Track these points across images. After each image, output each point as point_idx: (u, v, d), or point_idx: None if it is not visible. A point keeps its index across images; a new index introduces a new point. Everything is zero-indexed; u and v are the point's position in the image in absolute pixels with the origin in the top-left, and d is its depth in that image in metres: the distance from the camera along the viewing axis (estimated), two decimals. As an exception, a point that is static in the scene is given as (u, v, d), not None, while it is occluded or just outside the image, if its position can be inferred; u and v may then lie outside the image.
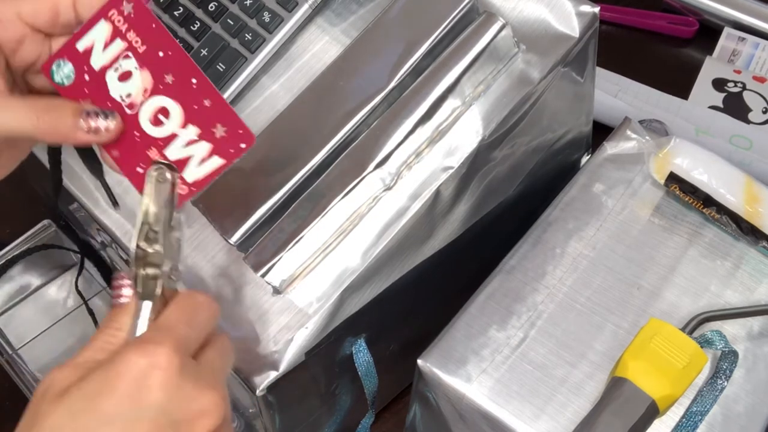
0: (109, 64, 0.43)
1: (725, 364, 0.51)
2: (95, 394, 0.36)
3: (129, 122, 0.43)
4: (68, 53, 0.43)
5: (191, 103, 0.42)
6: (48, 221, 0.73)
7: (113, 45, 0.43)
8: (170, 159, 0.42)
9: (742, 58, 0.86)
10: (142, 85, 0.42)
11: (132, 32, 0.42)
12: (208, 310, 0.40)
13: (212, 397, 0.37)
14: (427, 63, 0.53)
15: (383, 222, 0.52)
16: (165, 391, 0.36)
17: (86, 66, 0.43)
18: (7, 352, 0.70)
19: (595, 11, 0.56)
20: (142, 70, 0.42)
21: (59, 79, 0.44)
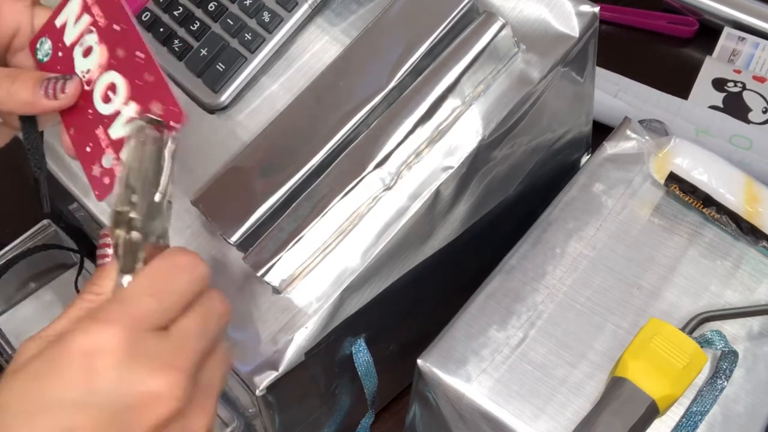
0: (77, 39, 0.42)
1: (725, 364, 0.51)
2: (43, 375, 0.34)
3: (85, 99, 0.42)
4: (48, 31, 0.43)
5: (135, 78, 0.41)
6: (48, 221, 0.73)
7: (81, 20, 0.42)
8: (112, 137, 0.41)
9: (742, 57, 0.86)
10: (99, 60, 0.42)
11: (96, 6, 0.41)
12: (189, 273, 0.37)
13: (166, 380, 0.34)
14: (426, 63, 0.53)
15: (383, 222, 0.52)
16: (111, 376, 0.33)
17: (60, 42, 0.43)
18: (7, 352, 0.70)
19: (594, 11, 0.56)
20: (100, 45, 0.41)
21: (40, 56, 0.44)
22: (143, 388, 0.34)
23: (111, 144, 0.41)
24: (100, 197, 0.42)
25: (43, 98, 0.42)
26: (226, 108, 0.56)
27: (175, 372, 0.34)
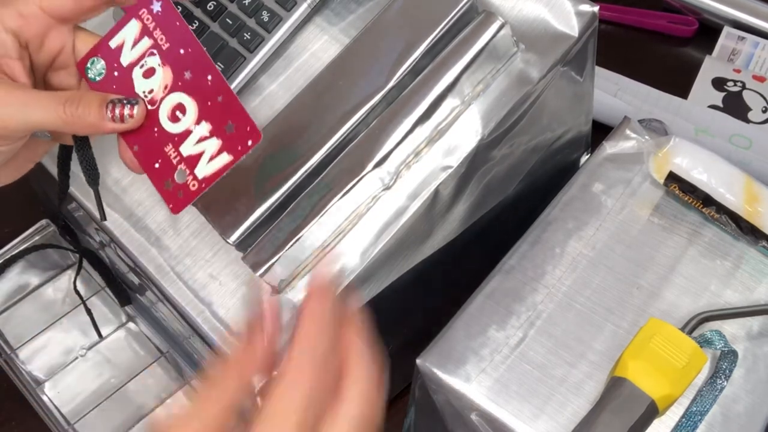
0: (136, 61, 0.44)
1: (725, 364, 0.51)
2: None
3: (150, 118, 0.44)
4: (101, 51, 0.45)
5: (206, 99, 0.43)
6: (46, 221, 0.73)
7: (141, 43, 0.44)
8: (184, 155, 0.43)
9: (742, 57, 0.86)
10: (162, 82, 0.43)
11: (158, 30, 0.43)
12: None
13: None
14: (426, 62, 0.53)
15: (382, 221, 0.52)
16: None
17: (116, 63, 0.44)
18: (6, 352, 0.70)
19: (594, 10, 0.56)
20: (164, 66, 0.43)
21: (92, 75, 0.45)
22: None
23: (183, 160, 0.43)
24: (175, 210, 0.44)
25: (110, 121, 0.43)
26: (225, 107, 0.55)
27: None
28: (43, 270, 0.75)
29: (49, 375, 0.70)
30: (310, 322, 0.37)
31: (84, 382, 0.70)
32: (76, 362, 0.71)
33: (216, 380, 0.37)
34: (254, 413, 0.36)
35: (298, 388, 0.36)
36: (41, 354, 0.71)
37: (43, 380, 0.70)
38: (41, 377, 0.70)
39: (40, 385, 0.69)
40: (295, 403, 0.35)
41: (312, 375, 0.36)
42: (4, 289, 0.74)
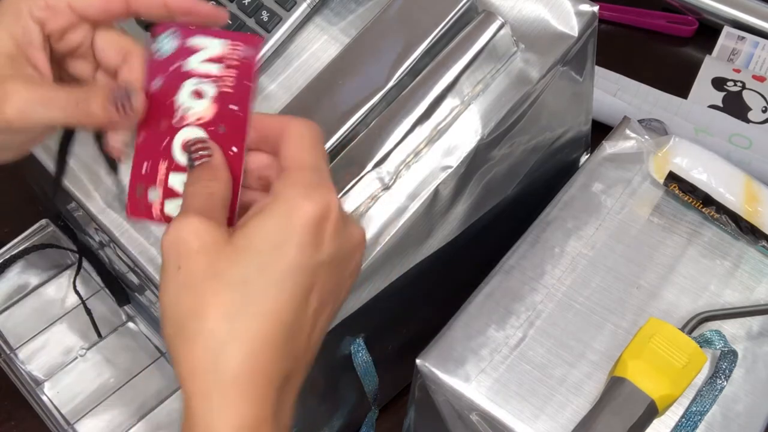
0: (197, 74, 0.43)
1: (725, 364, 0.51)
2: (276, 246, 0.37)
3: (169, 130, 0.43)
4: (182, 33, 0.43)
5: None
6: (46, 221, 0.73)
7: (212, 65, 0.43)
8: (168, 183, 0.42)
9: (742, 57, 0.86)
10: (201, 113, 0.42)
11: (232, 71, 0.42)
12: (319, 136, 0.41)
13: (358, 226, 0.41)
14: (425, 62, 0.53)
15: (382, 221, 0.52)
16: (337, 237, 0.39)
17: (182, 59, 0.43)
18: (5, 351, 0.70)
19: (594, 10, 0.56)
20: (212, 103, 0.42)
21: (159, 47, 0.43)
22: (357, 238, 0.40)
23: (164, 186, 0.42)
24: (129, 213, 0.43)
25: (115, 114, 0.42)
26: (224, 107, 0.55)
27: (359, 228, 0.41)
28: (43, 270, 0.75)
29: (49, 375, 0.70)
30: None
31: (83, 382, 0.70)
32: (75, 362, 0.71)
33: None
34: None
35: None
36: (41, 354, 0.71)
37: (43, 380, 0.70)
38: (41, 377, 0.70)
39: (39, 385, 0.69)
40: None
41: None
42: (4, 289, 0.74)
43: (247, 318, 0.36)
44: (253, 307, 0.36)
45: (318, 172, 0.39)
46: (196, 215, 0.38)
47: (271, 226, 0.37)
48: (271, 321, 0.37)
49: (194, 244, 0.37)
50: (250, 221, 0.38)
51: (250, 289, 0.37)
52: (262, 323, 0.36)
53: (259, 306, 0.37)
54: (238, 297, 0.36)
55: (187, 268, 0.37)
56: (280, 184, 0.39)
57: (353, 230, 0.40)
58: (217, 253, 0.37)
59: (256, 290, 0.37)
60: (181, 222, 0.38)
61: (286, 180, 0.39)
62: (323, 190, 0.38)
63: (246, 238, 0.37)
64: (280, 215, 0.38)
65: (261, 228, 0.38)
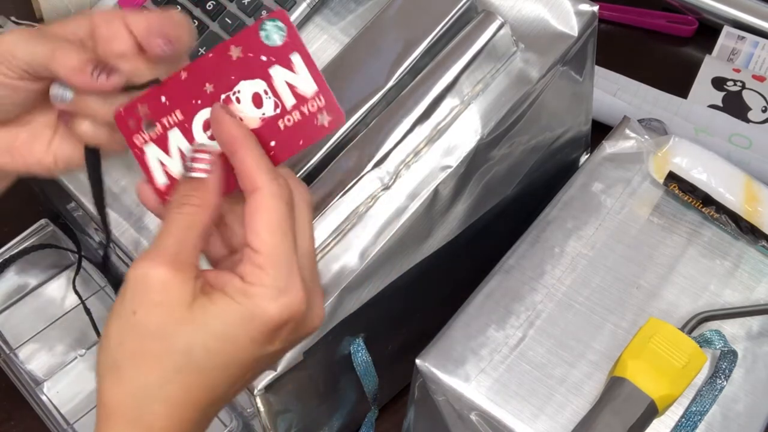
0: (272, 87, 0.40)
1: (724, 364, 0.51)
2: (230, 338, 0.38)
3: (207, 97, 0.41)
4: (291, 41, 0.40)
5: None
6: (45, 220, 0.73)
7: (289, 94, 0.40)
8: (168, 136, 0.41)
9: (742, 56, 0.86)
10: (244, 118, 0.41)
11: (299, 117, 0.40)
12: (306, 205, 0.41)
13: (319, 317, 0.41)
14: (425, 62, 0.53)
15: (381, 221, 0.52)
16: (292, 338, 0.40)
17: (274, 61, 0.40)
18: (5, 351, 0.70)
19: (594, 10, 0.56)
20: (260, 122, 0.41)
21: (266, 29, 0.40)
22: (311, 327, 0.41)
23: (161, 133, 0.42)
24: (116, 119, 0.42)
25: (89, 77, 0.41)
26: (224, 107, 0.55)
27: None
28: (43, 270, 0.75)
29: (49, 375, 0.70)
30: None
31: (83, 382, 0.70)
32: (75, 362, 0.71)
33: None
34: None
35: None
36: (40, 354, 0.71)
37: (43, 380, 0.70)
38: (40, 377, 0.70)
39: (39, 384, 0.69)
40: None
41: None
42: (4, 289, 0.74)
43: (182, 386, 0.38)
44: (189, 378, 0.38)
45: (289, 269, 0.39)
46: (168, 266, 0.38)
47: (231, 317, 0.38)
48: (204, 392, 0.39)
49: (156, 298, 0.38)
50: (217, 300, 0.38)
51: (192, 362, 0.38)
52: (195, 392, 0.38)
53: (195, 379, 0.38)
54: (178, 365, 0.38)
55: (143, 317, 0.38)
56: (253, 278, 0.38)
57: (311, 321, 0.41)
58: (174, 315, 0.38)
59: (196, 365, 0.38)
60: (151, 267, 0.38)
61: (259, 275, 0.38)
62: (292, 294, 0.38)
63: (205, 315, 0.38)
64: (244, 312, 0.38)
65: (222, 314, 0.38)
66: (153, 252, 0.38)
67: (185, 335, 0.38)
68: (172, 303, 0.38)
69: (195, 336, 0.38)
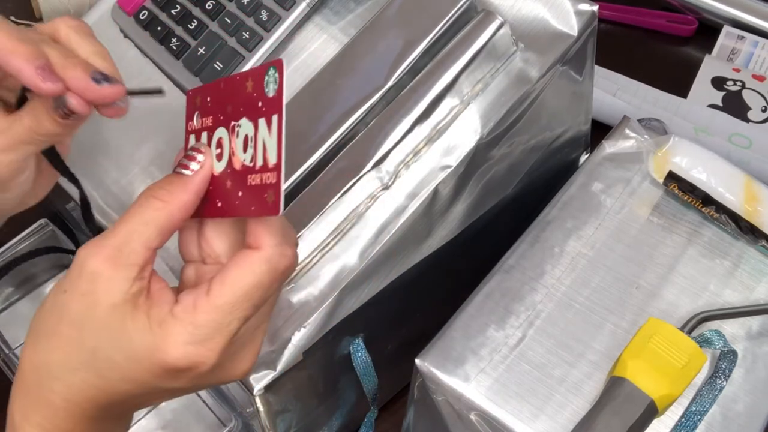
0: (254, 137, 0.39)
1: (724, 364, 0.51)
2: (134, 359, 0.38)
3: (227, 116, 0.40)
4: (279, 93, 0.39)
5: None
6: (45, 220, 0.73)
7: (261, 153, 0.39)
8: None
9: (742, 56, 0.86)
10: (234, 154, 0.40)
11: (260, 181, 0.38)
12: (284, 279, 0.39)
13: (245, 367, 0.41)
14: (425, 61, 0.53)
15: (381, 221, 0.52)
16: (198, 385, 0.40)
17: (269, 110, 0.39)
18: (4, 351, 0.70)
19: (593, 9, 0.56)
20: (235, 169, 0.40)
21: (267, 80, 0.39)
22: (235, 375, 0.41)
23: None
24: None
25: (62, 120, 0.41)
26: (223, 107, 0.55)
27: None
28: (42, 270, 0.75)
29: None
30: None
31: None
32: (74, 362, 0.71)
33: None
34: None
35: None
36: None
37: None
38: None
39: (38, 384, 0.69)
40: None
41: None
42: (3, 289, 0.74)
43: (83, 379, 0.39)
44: (89, 375, 0.38)
45: (219, 327, 0.38)
46: (105, 260, 0.37)
47: (139, 342, 0.38)
48: (102, 394, 0.39)
49: (84, 287, 0.38)
50: (136, 317, 0.38)
51: (95, 364, 0.38)
52: (93, 390, 0.39)
53: (94, 379, 0.39)
54: (83, 360, 0.38)
55: (68, 301, 0.38)
56: (182, 313, 0.38)
57: (227, 373, 0.40)
58: (94, 311, 0.38)
59: (98, 368, 0.38)
60: (90, 255, 0.38)
61: (189, 315, 0.38)
62: (204, 349, 0.38)
63: (120, 327, 0.38)
64: (151, 343, 0.37)
65: (134, 334, 0.38)
66: (99, 239, 0.38)
67: (96, 337, 0.38)
68: (97, 299, 0.37)
69: (103, 342, 0.38)
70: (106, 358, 0.38)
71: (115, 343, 0.38)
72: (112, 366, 0.38)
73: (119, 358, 0.38)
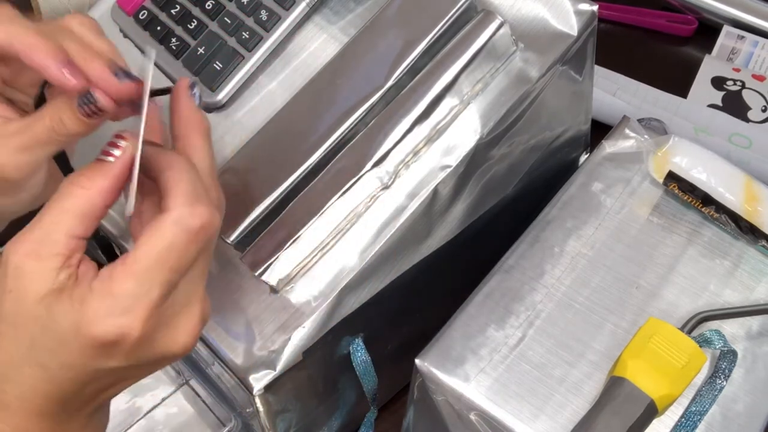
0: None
1: (724, 364, 0.51)
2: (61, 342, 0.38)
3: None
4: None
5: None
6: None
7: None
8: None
9: (741, 56, 0.86)
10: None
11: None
12: (205, 239, 0.39)
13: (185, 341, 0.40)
14: (424, 61, 0.52)
15: (381, 221, 0.52)
16: (125, 359, 0.38)
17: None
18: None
19: (593, 9, 0.56)
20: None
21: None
22: (173, 349, 0.40)
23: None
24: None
25: (86, 118, 0.41)
26: (223, 107, 0.55)
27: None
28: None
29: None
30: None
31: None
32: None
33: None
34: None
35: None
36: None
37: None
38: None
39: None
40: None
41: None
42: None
43: (30, 374, 0.38)
44: (33, 369, 0.38)
45: (137, 294, 0.37)
46: (26, 254, 0.37)
47: (65, 323, 0.37)
48: (51, 386, 0.38)
49: (9, 284, 0.37)
50: (61, 300, 0.37)
51: (35, 356, 0.38)
52: (42, 384, 0.38)
53: (39, 373, 0.38)
54: (23, 355, 0.38)
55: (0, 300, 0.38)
56: (100, 287, 0.37)
57: (166, 347, 0.39)
58: (23, 306, 0.37)
59: (39, 359, 0.38)
60: (11, 252, 0.37)
61: (106, 287, 0.37)
62: (127, 319, 0.37)
63: (48, 314, 0.37)
64: (74, 321, 0.37)
65: (59, 317, 0.37)
66: (21, 234, 0.38)
67: (29, 330, 0.37)
68: (23, 293, 0.37)
69: (36, 333, 0.37)
70: (43, 348, 0.38)
71: (47, 331, 0.37)
72: (50, 355, 0.38)
73: (53, 345, 0.37)
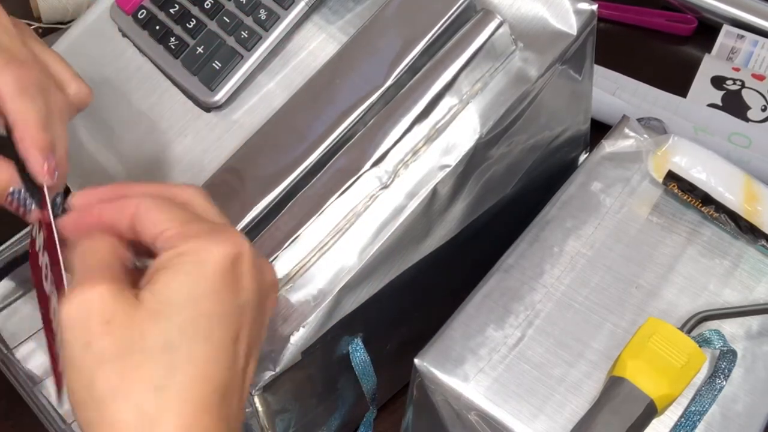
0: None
1: (724, 364, 0.51)
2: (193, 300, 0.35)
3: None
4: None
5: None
6: (44, 220, 0.73)
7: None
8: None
9: (741, 55, 0.86)
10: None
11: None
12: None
13: (273, 268, 0.41)
14: (423, 61, 0.52)
15: (380, 220, 0.52)
16: (250, 277, 0.37)
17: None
18: (2, 351, 0.70)
19: (593, 8, 0.56)
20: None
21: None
22: (271, 276, 0.39)
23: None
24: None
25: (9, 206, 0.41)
26: (222, 106, 0.55)
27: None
28: (41, 269, 0.75)
29: (47, 374, 0.70)
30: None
31: (81, 382, 0.70)
32: (73, 361, 0.71)
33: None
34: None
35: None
36: (38, 353, 0.71)
37: (40, 379, 0.69)
38: (38, 376, 0.70)
39: (37, 384, 0.69)
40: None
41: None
42: (1, 289, 0.73)
43: (177, 387, 0.34)
44: (181, 373, 0.34)
45: (218, 222, 0.38)
46: (101, 282, 0.34)
47: (182, 280, 0.35)
48: (203, 384, 0.34)
49: (103, 317, 0.34)
50: (157, 280, 0.35)
51: (175, 355, 0.34)
52: (194, 389, 0.34)
53: (187, 371, 0.34)
54: (163, 365, 0.34)
55: (99, 344, 0.34)
56: (180, 239, 0.36)
57: (267, 267, 0.39)
58: (130, 322, 0.34)
59: (180, 354, 0.34)
60: (85, 293, 0.34)
61: (187, 233, 0.36)
62: (228, 233, 0.36)
63: (157, 300, 0.35)
64: (191, 266, 0.35)
65: (172, 285, 0.35)
66: (80, 286, 0.35)
67: (151, 332, 0.34)
68: (121, 313, 0.34)
69: (161, 326, 0.34)
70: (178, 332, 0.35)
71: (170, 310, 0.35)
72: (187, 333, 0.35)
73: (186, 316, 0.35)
